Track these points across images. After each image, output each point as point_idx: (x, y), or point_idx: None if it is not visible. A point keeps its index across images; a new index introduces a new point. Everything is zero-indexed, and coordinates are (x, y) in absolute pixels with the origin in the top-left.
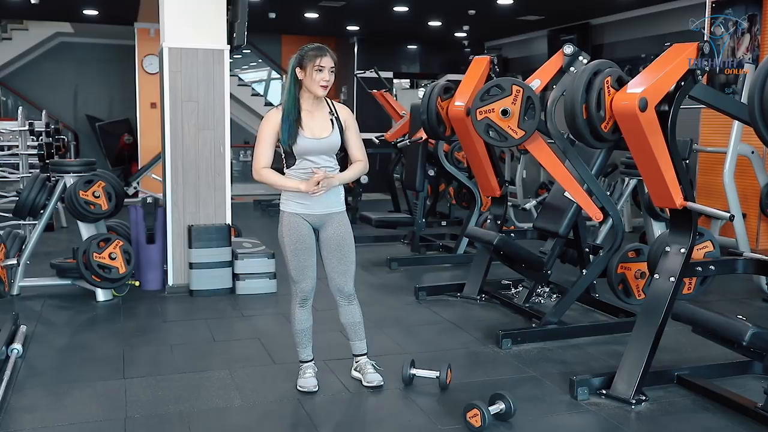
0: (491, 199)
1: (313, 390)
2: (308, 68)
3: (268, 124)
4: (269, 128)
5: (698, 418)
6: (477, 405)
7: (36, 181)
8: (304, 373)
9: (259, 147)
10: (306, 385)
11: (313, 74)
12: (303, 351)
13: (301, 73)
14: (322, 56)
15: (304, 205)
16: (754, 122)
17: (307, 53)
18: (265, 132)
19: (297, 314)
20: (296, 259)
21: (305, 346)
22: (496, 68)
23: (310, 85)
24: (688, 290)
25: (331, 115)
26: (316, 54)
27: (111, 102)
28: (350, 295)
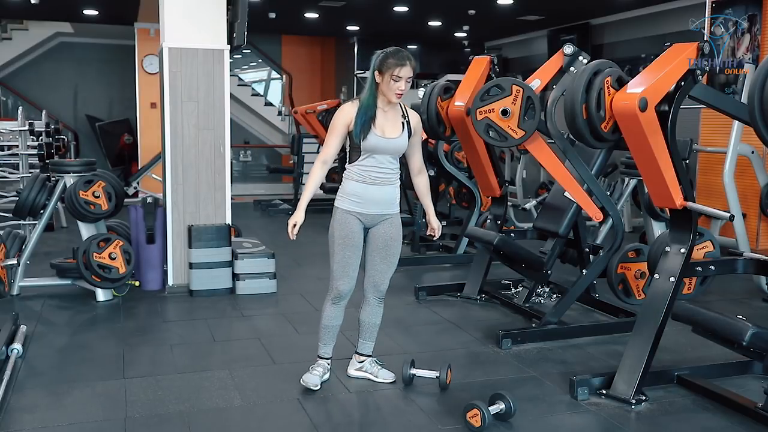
0: (491, 199)
1: (314, 388)
2: (386, 75)
3: (343, 115)
4: (343, 120)
5: (698, 418)
6: (477, 405)
7: (36, 181)
8: (313, 369)
9: (330, 137)
10: (309, 381)
11: (390, 82)
12: (324, 347)
13: (379, 77)
14: (401, 66)
15: (360, 204)
16: (754, 122)
17: (388, 61)
18: (338, 123)
19: (327, 310)
20: (342, 254)
21: (327, 342)
22: (496, 68)
23: (386, 92)
24: (688, 290)
25: (403, 119)
26: (396, 63)
27: (111, 102)
28: (382, 295)
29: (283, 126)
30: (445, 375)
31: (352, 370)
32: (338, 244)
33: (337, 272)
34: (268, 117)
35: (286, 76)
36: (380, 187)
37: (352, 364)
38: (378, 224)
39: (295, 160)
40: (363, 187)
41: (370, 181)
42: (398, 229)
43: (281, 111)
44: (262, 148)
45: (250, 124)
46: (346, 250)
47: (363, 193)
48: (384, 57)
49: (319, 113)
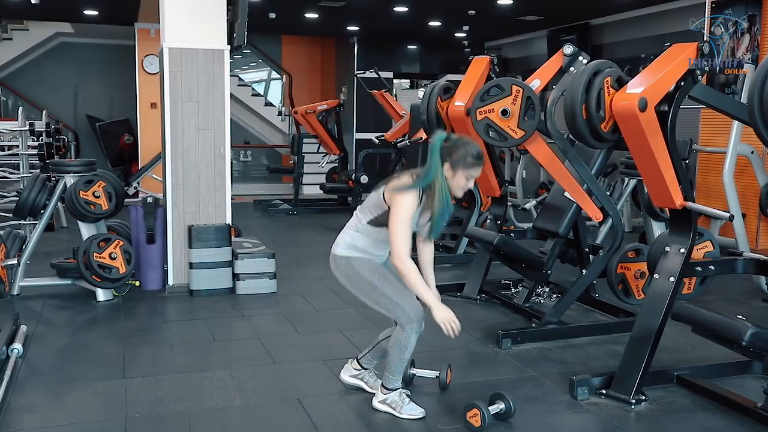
0: (491, 199)
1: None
2: (459, 173)
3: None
4: (411, 212)
5: (698, 418)
6: (477, 405)
7: (36, 181)
8: (405, 401)
9: (403, 229)
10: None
11: (462, 181)
12: (400, 378)
13: (449, 171)
14: (478, 167)
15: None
16: (754, 122)
17: (468, 159)
18: (407, 215)
19: (412, 342)
20: (389, 283)
21: (402, 373)
22: (496, 68)
23: (454, 187)
24: (687, 290)
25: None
26: (475, 163)
27: (111, 102)
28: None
29: (283, 126)
30: (445, 375)
31: (347, 377)
32: (378, 278)
33: (404, 298)
34: (268, 117)
35: (286, 76)
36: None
37: (347, 369)
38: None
39: (295, 160)
40: (374, 246)
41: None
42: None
43: (281, 111)
44: (262, 148)
45: (250, 124)
46: (389, 276)
47: (374, 250)
48: (464, 155)
49: (319, 113)
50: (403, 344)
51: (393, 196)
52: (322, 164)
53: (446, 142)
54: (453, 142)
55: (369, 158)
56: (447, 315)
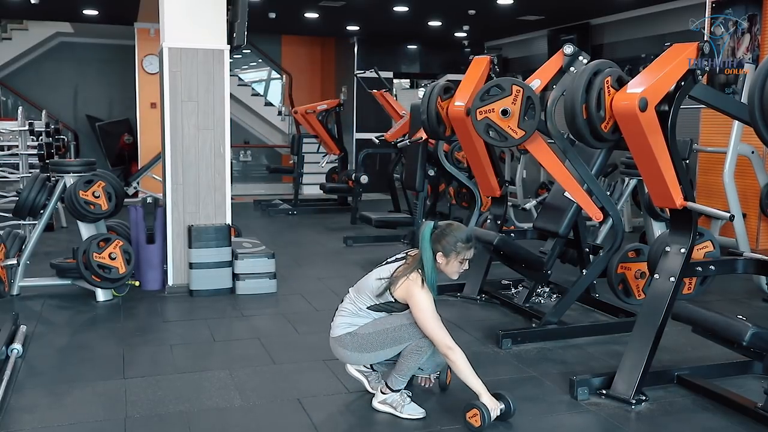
0: (491, 199)
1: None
2: (453, 259)
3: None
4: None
5: (698, 418)
6: (477, 405)
7: (36, 181)
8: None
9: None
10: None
11: (456, 265)
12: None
13: (442, 259)
14: (471, 249)
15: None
16: (754, 122)
17: (457, 245)
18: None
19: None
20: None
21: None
22: (496, 68)
23: (447, 272)
24: (688, 290)
25: None
26: (467, 247)
27: (111, 102)
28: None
29: (283, 126)
30: (445, 375)
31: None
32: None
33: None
34: (268, 117)
35: (286, 76)
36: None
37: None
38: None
39: (295, 160)
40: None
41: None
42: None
43: (281, 111)
44: (262, 148)
45: (250, 124)
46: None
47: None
48: (449, 240)
49: (319, 113)
50: (423, 350)
51: (410, 296)
52: (322, 164)
53: (435, 231)
54: (441, 231)
55: (369, 158)
56: (494, 405)
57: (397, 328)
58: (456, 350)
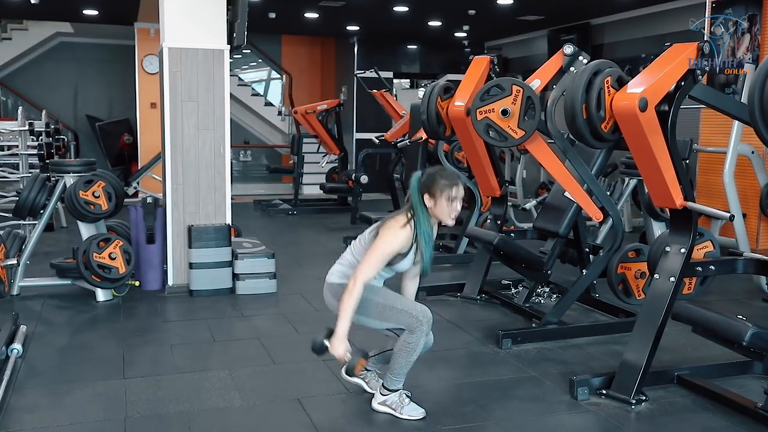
0: (491, 199)
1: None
2: (440, 198)
3: (399, 244)
4: (396, 246)
5: (698, 418)
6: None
7: (36, 181)
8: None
9: (376, 263)
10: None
11: (445, 205)
12: (403, 380)
13: (430, 201)
14: (457, 186)
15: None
16: (754, 122)
17: (440, 183)
18: (392, 249)
19: (421, 344)
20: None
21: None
22: (496, 68)
23: (441, 216)
24: (688, 290)
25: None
26: (450, 185)
27: (111, 102)
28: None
29: (283, 126)
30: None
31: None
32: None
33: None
34: (268, 117)
35: (286, 76)
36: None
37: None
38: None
39: (295, 160)
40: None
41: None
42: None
43: (281, 111)
44: (262, 148)
45: (250, 124)
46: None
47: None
48: (433, 179)
49: (319, 113)
50: (412, 347)
51: (384, 230)
52: (322, 164)
53: (422, 177)
54: (427, 175)
55: (369, 158)
56: (340, 353)
57: (385, 307)
58: (356, 289)
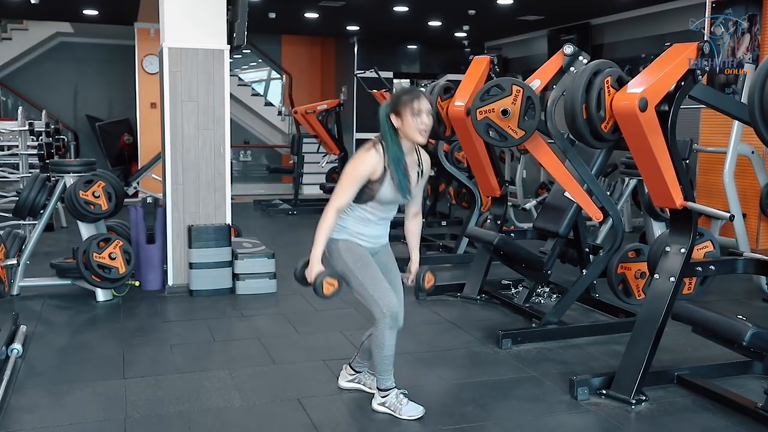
0: (491, 199)
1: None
2: (405, 114)
3: (366, 166)
4: (367, 171)
5: (698, 418)
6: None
7: (36, 181)
8: (402, 401)
9: (345, 187)
10: (417, 412)
11: (411, 120)
12: (390, 377)
13: (397, 121)
14: (418, 99)
15: (365, 240)
16: (754, 122)
17: (402, 98)
18: (361, 173)
19: (388, 339)
20: (370, 273)
21: (391, 371)
22: (496, 68)
23: (409, 132)
24: (688, 290)
25: (418, 167)
26: (411, 98)
27: (111, 102)
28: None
29: (283, 126)
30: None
31: (344, 383)
32: (359, 267)
33: (380, 292)
34: (268, 117)
35: (286, 76)
36: (384, 226)
37: (343, 375)
38: (378, 252)
39: (295, 160)
40: (364, 226)
41: (376, 222)
42: (392, 255)
43: (281, 111)
44: (262, 148)
45: (250, 124)
46: (371, 267)
47: (364, 230)
48: (397, 97)
49: (319, 113)
50: (379, 341)
51: (352, 157)
52: (322, 164)
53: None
54: (391, 98)
55: None
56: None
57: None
58: (327, 216)
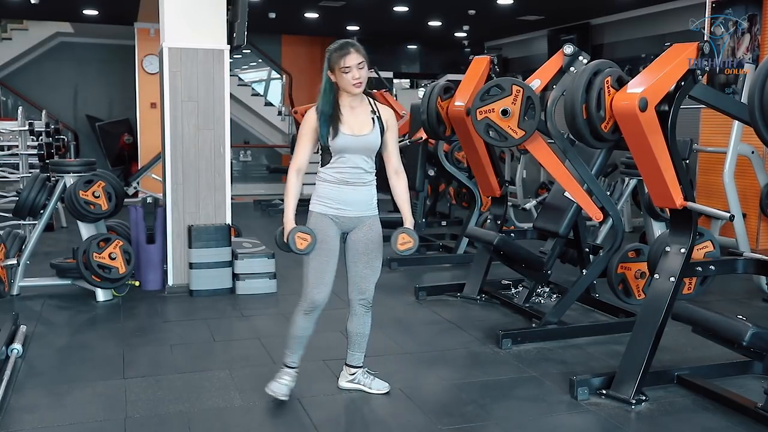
0: (491, 199)
1: (282, 398)
2: (337, 71)
3: (307, 122)
4: (307, 126)
5: (698, 418)
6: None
7: (36, 181)
8: (281, 377)
9: (299, 145)
10: (277, 390)
11: (342, 76)
12: (291, 356)
13: (333, 76)
14: (346, 55)
15: (335, 207)
16: (754, 122)
17: (332, 55)
18: (305, 128)
19: (299, 321)
20: (317, 260)
21: (294, 351)
22: (496, 68)
23: (344, 86)
24: (688, 290)
25: (373, 114)
26: (339, 55)
27: (111, 102)
28: (370, 303)
29: (283, 126)
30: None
31: (343, 383)
32: (316, 252)
33: (313, 279)
34: (268, 117)
35: (286, 76)
36: (355, 188)
37: (343, 376)
38: (356, 228)
39: None
40: (337, 190)
41: (345, 182)
42: (378, 232)
43: (281, 111)
44: (262, 148)
45: (250, 124)
46: (322, 255)
47: (337, 195)
48: (329, 54)
49: None
50: (293, 318)
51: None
52: None
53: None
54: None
55: None
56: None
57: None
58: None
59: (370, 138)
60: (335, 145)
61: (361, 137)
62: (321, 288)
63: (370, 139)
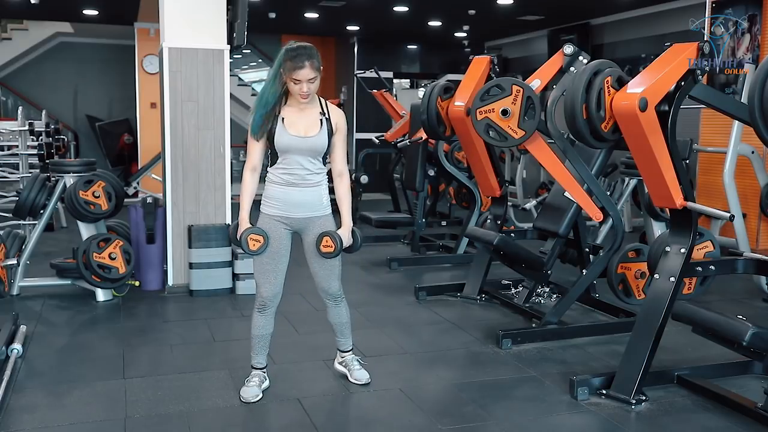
0: (491, 199)
1: (253, 401)
2: (287, 78)
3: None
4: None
5: (698, 418)
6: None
7: (36, 181)
8: (249, 381)
9: (248, 146)
10: (246, 395)
11: (292, 85)
12: (255, 357)
13: (284, 76)
14: (298, 69)
15: (282, 209)
16: (754, 122)
17: (286, 63)
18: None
19: (255, 319)
20: (260, 261)
21: (258, 353)
22: (496, 68)
23: (292, 92)
24: (688, 290)
25: (322, 116)
26: (293, 66)
27: (111, 102)
28: (336, 296)
29: None
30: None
31: (336, 364)
32: (266, 253)
33: (258, 279)
34: None
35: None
36: (301, 189)
37: (336, 358)
38: (307, 228)
39: None
40: (283, 191)
41: (290, 184)
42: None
43: None
44: None
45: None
46: (265, 257)
47: (284, 197)
48: (283, 56)
49: None
50: (252, 320)
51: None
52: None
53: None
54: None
55: (369, 158)
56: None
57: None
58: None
59: (315, 140)
60: (279, 144)
61: (307, 138)
62: (267, 287)
63: (316, 140)
